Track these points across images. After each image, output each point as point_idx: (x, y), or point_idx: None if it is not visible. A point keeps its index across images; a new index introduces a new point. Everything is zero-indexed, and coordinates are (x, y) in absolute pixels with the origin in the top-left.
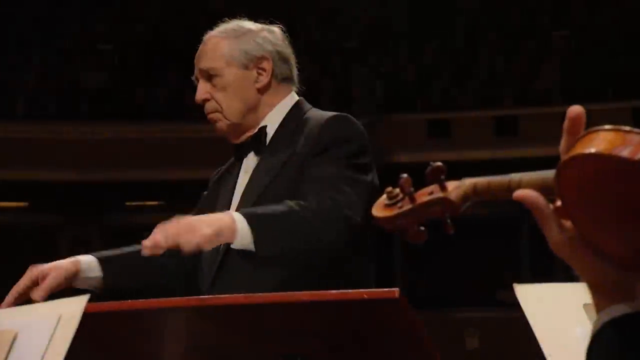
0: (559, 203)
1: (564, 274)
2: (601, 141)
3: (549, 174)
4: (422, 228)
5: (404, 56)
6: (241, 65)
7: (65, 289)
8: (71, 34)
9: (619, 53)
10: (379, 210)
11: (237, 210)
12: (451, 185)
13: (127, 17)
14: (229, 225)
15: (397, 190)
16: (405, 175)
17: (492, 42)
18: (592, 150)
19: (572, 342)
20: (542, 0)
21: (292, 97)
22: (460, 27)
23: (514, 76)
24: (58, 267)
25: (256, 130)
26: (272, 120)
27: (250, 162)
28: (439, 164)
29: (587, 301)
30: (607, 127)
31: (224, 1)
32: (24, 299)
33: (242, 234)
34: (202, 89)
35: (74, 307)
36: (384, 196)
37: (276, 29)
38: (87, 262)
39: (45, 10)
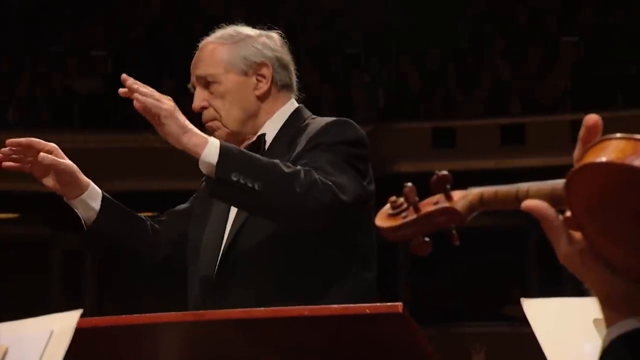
0: (568, 214)
1: (573, 288)
2: (612, 150)
3: (558, 183)
4: (427, 239)
5: (407, 62)
6: (240, 72)
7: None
8: (63, 39)
9: (630, 59)
10: (382, 220)
11: (236, 219)
12: (457, 194)
13: (121, 23)
14: (203, 136)
15: (401, 199)
16: (409, 184)
17: (498, 47)
18: (603, 159)
19: (581, 359)
20: (550, 4)
21: (292, 104)
22: (465, 32)
23: (521, 83)
24: (73, 166)
25: (254, 138)
26: (271, 128)
27: None
28: (445, 172)
29: (596, 316)
30: (618, 135)
31: (221, 6)
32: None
33: (210, 150)
34: (200, 97)
35: (66, 322)
36: (388, 206)
37: (275, 35)
38: (96, 191)
39: (36, 14)
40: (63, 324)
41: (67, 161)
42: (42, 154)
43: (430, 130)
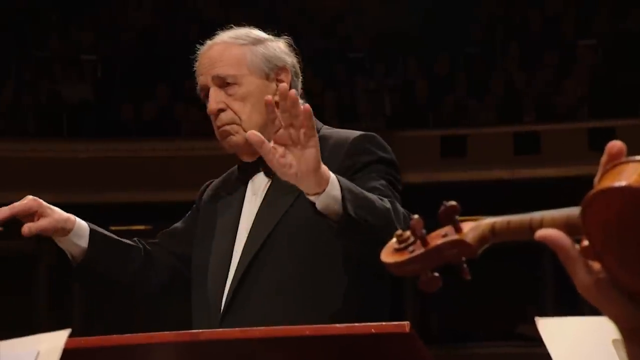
0: (585, 243)
1: (591, 307)
2: (631, 173)
3: (573, 210)
4: (436, 274)
5: (415, 67)
6: (262, 75)
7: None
8: (51, 43)
9: None
10: (388, 255)
11: (248, 236)
12: (467, 226)
13: (112, 26)
14: (326, 170)
15: (408, 233)
16: (416, 216)
17: (511, 52)
18: (622, 183)
19: None
20: (566, 7)
21: None
22: (476, 35)
23: (536, 89)
24: (57, 215)
25: None
26: None
27: (258, 183)
28: (453, 203)
29: (615, 336)
30: (638, 157)
31: (218, 10)
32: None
33: (333, 185)
34: (217, 98)
35: (53, 343)
36: (394, 240)
37: (282, 42)
38: (81, 227)
39: (21, 18)
40: (50, 345)
41: (55, 222)
42: (25, 228)
43: (439, 138)
